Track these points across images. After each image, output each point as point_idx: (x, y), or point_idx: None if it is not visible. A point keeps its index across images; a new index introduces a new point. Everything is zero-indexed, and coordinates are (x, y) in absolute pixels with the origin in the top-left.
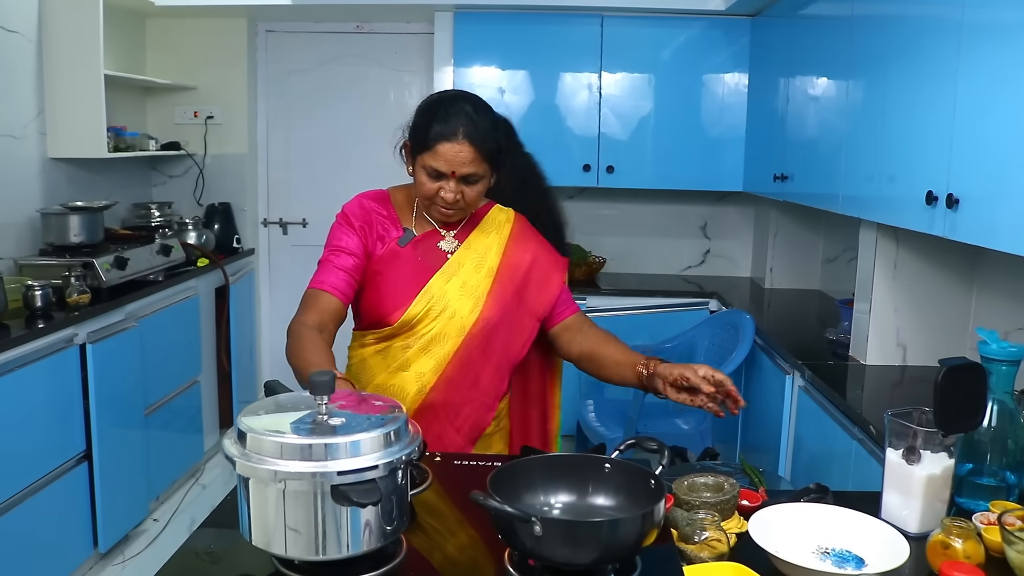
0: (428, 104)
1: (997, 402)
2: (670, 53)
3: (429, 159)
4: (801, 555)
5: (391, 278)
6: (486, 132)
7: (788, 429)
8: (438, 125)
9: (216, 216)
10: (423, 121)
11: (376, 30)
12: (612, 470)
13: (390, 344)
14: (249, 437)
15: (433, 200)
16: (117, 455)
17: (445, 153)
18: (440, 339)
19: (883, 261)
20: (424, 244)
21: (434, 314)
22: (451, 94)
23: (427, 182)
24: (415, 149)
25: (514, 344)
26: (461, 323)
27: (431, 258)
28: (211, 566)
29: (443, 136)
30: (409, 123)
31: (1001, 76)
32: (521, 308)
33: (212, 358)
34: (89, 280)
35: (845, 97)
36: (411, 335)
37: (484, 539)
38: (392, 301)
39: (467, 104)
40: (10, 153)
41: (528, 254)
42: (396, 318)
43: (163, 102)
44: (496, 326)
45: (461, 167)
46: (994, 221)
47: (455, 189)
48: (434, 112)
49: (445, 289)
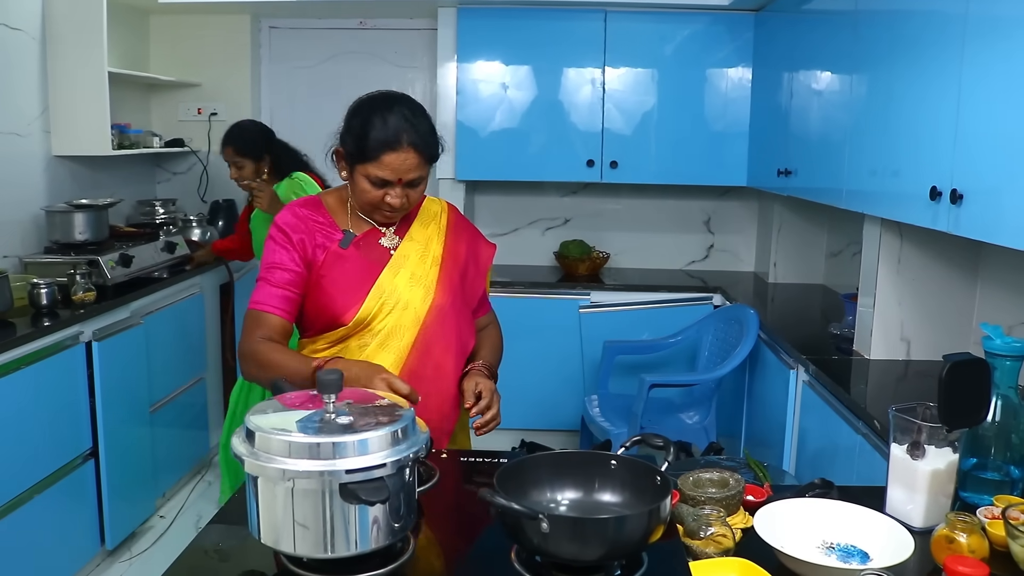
0: (362, 110)
1: (1001, 397)
2: (674, 48)
3: (373, 169)
4: (806, 550)
5: (339, 280)
6: (427, 136)
7: (792, 424)
8: (379, 133)
9: (220, 213)
10: (361, 130)
11: (379, 26)
12: (618, 467)
13: (346, 345)
14: (258, 436)
15: (377, 206)
16: (123, 452)
17: (391, 163)
18: (397, 332)
19: (887, 256)
20: (366, 243)
21: (388, 308)
22: (382, 96)
23: (371, 190)
24: (355, 158)
25: (466, 329)
26: (415, 313)
27: (375, 255)
28: (220, 564)
29: (387, 146)
30: (340, 129)
31: (1006, 71)
32: (465, 294)
33: (217, 355)
34: (94, 278)
35: (849, 92)
36: (366, 332)
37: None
38: (343, 302)
39: (404, 108)
40: (15, 151)
41: (463, 244)
42: (350, 317)
43: (167, 99)
44: (448, 311)
45: (407, 174)
46: (998, 216)
47: (401, 195)
48: (370, 119)
49: (395, 282)
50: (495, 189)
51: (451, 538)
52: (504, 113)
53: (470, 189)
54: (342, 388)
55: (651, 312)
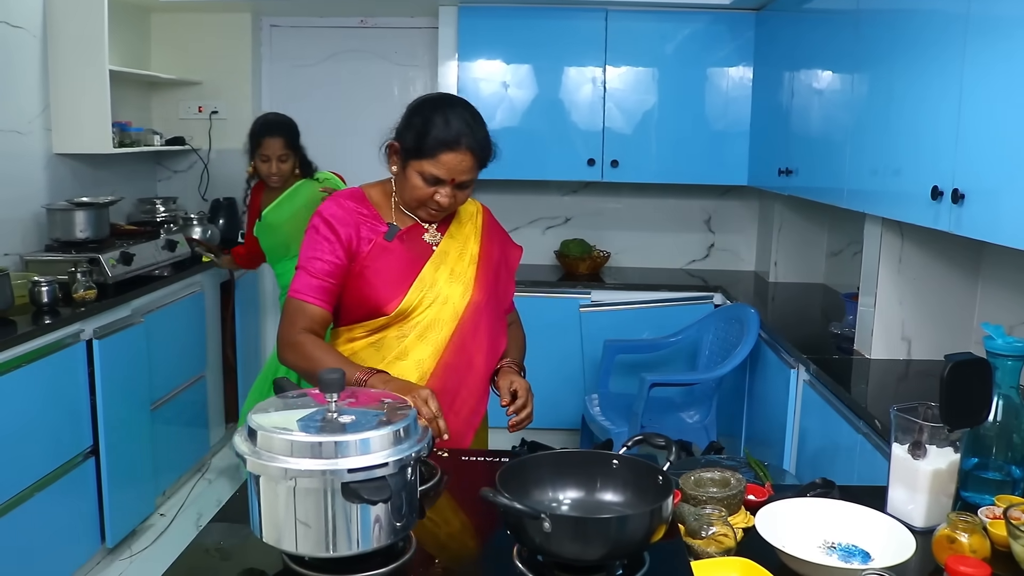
0: (423, 109)
1: (1003, 397)
2: (674, 47)
3: (429, 166)
4: (807, 550)
5: (382, 271)
6: (484, 141)
7: (793, 423)
8: (439, 132)
9: (221, 211)
10: (422, 127)
11: (380, 24)
12: (620, 466)
13: (384, 335)
14: (260, 435)
15: (425, 203)
16: (124, 450)
17: (448, 162)
18: (435, 325)
19: (888, 255)
20: (410, 237)
21: (428, 301)
22: (446, 99)
23: (422, 186)
24: (410, 154)
25: (498, 327)
26: (454, 308)
27: (418, 250)
28: (221, 562)
29: (446, 145)
30: (397, 125)
31: (1007, 71)
32: (498, 294)
33: (218, 353)
34: (95, 276)
35: (850, 91)
36: (406, 323)
37: (493, 535)
38: (386, 292)
39: (466, 112)
40: (16, 149)
41: (496, 245)
42: (392, 308)
43: (168, 97)
44: (483, 309)
45: (461, 175)
46: (999, 216)
47: (451, 194)
48: (432, 118)
49: (436, 277)
50: (496, 188)
51: (453, 537)
52: (505, 112)
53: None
54: (344, 387)
55: (652, 311)
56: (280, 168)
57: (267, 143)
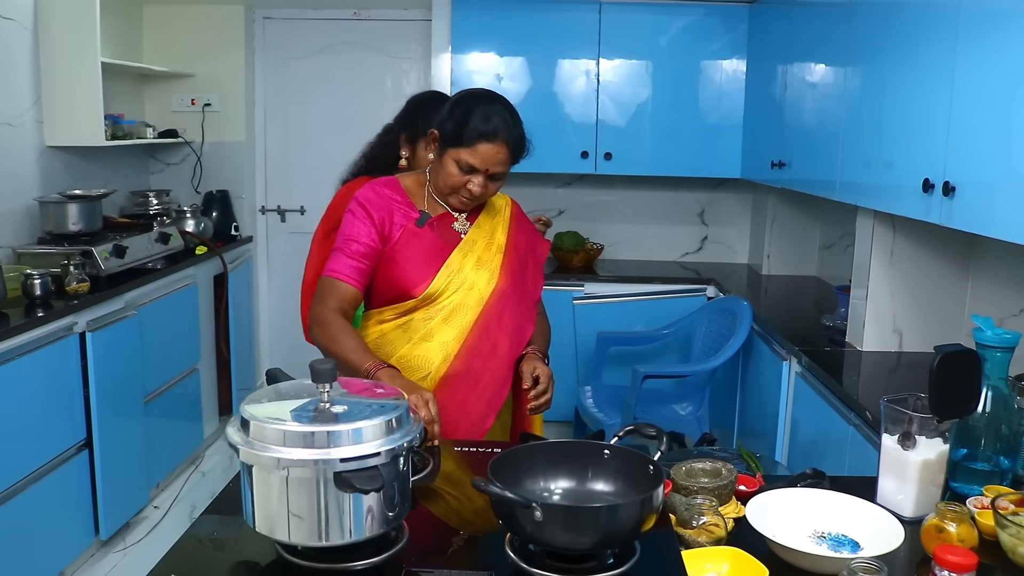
0: (466, 101)
1: (991, 388)
2: (668, 40)
3: (466, 155)
4: (798, 539)
5: (412, 256)
6: (519, 138)
7: (785, 415)
8: (478, 124)
9: (214, 204)
10: (463, 117)
11: (373, 17)
12: (611, 456)
13: (411, 317)
14: (252, 425)
15: (457, 190)
16: (117, 443)
17: (484, 152)
18: (460, 309)
19: (880, 248)
20: (440, 225)
21: (455, 286)
22: (489, 95)
23: (457, 174)
24: (449, 142)
25: (524, 315)
26: (479, 294)
27: (447, 237)
28: (215, 553)
29: (484, 136)
30: (441, 115)
31: (998, 63)
32: (525, 283)
33: (211, 345)
34: (88, 268)
35: (843, 84)
36: (433, 306)
37: (485, 524)
38: (416, 276)
39: (505, 110)
40: (7, 141)
41: (523, 237)
42: (420, 291)
43: (160, 89)
44: (508, 296)
45: (495, 166)
46: (990, 209)
47: (483, 184)
48: (473, 110)
49: (463, 263)
50: None
51: (445, 527)
52: None
53: None
54: (336, 377)
55: (645, 303)
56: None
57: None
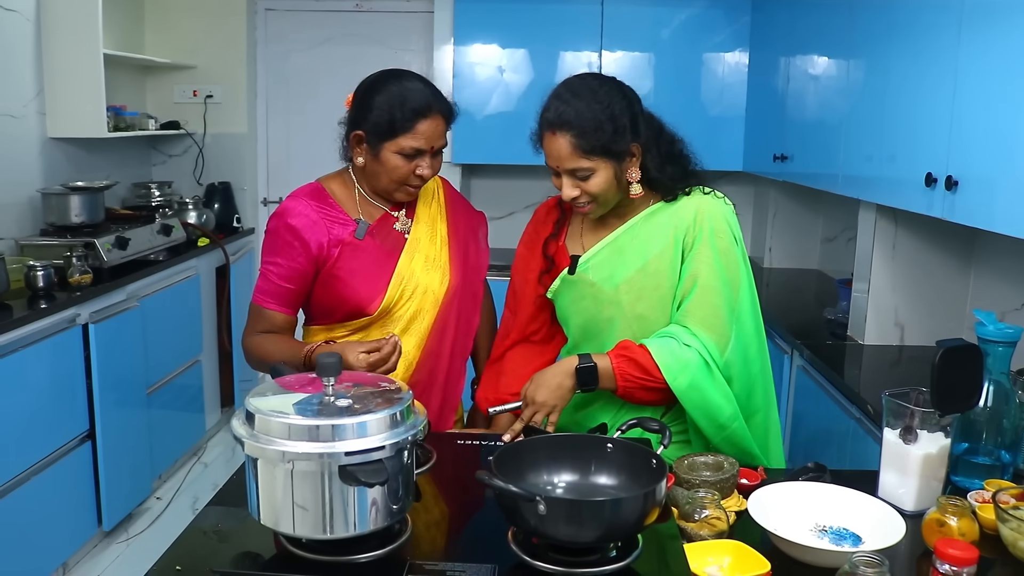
0: (377, 87)
1: (993, 382)
2: (670, 32)
3: (407, 140)
4: (799, 533)
5: (358, 271)
6: (447, 102)
7: (787, 408)
8: (409, 103)
9: (216, 195)
10: (387, 104)
11: (375, 9)
12: (614, 450)
13: (367, 332)
14: (257, 418)
15: (406, 181)
16: (120, 434)
17: (425, 131)
18: (418, 316)
19: (882, 241)
20: (380, 230)
21: (408, 294)
22: (394, 73)
23: (402, 165)
24: (382, 135)
25: (473, 308)
26: (434, 296)
27: (391, 242)
28: (219, 544)
29: (419, 114)
30: (348, 117)
31: (1001, 58)
32: (468, 271)
33: (213, 337)
34: (91, 260)
35: (846, 77)
36: (389, 320)
37: (488, 517)
38: (367, 293)
39: (416, 79)
40: (10, 133)
41: (461, 218)
42: (375, 307)
43: (162, 81)
44: (462, 292)
45: (438, 141)
46: (992, 203)
47: (431, 164)
48: (394, 93)
49: (412, 268)
50: (491, 172)
51: (449, 520)
52: (500, 96)
53: (466, 172)
54: (341, 371)
55: None
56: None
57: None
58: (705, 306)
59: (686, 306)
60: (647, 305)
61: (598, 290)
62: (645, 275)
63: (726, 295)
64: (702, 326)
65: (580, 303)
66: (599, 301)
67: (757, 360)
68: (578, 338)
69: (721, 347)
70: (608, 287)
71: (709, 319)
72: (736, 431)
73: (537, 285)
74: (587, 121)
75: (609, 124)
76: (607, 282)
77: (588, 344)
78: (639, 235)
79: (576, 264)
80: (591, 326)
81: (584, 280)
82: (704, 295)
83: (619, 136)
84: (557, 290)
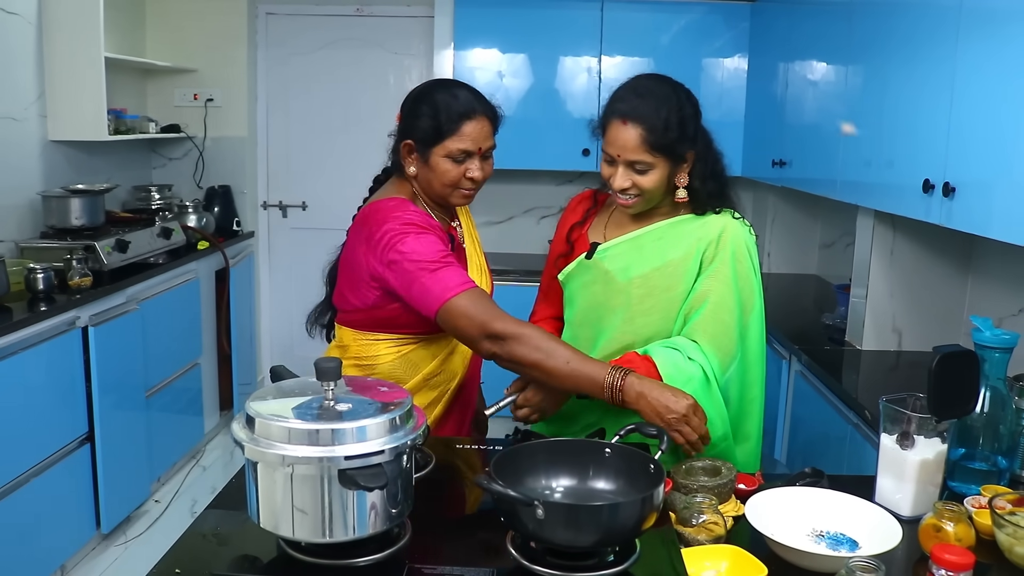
0: (424, 96)
1: (990, 388)
2: (670, 38)
3: (454, 143)
4: (796, 538)
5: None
6: (491, 105)
7: (784, 413)
8: (453, 107)
9: (216, 199)
10: (432, 110)
11: (376, 13)
12: (612, 455)
13: (432, 340)
14: (257, 422)
15: (458, 184)
16: (119, 437)
17: (471, 132)
18: None
19: (880, 247)
20: (455, 240)
21: None
22: (441, 81)
23: (452, 168)
24: (430, 141)
25: None
26: None
27: (461, 252)
28: (218, 547)
29: (464, 116)
30: (399, 128)
31: (999, 64)
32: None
33: (212, 340)
34: (91, 263)
35: (844, 83)
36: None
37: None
38: None
39: (462, 86)
40: (10, 136)
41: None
42: None
43: (163, 84)
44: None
45: (485, 141)
46: (990, 209)
47: (481, 166)
48: (439, 98)
49: (473, 277)
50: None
51: (447, 524)
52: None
53: None
54: (341, 376)
55: None
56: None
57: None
58: (716, 323)
59: (696, 321)
60: (654, 303)
61: (611, 278)
62: (661, 275)
63: (738, 315)
64: (710, 342)
65: (590, 287)
66: (609, 289)
67: (756, 386)
68: (576, 321)
69: (725, 365)
70: (622, 278)
71: (719, 336)
72: (723, 452)
73: (552, 267)
74: (659, 119)
75: (677, 127)
76: (622, 273)
77: (583, 328)
78: (662, 238)
79: (595, 250)
80: (593, 312)
81: (599, 267)
82: (716, 312)
83: (683, 140)
84: (570, 272)
